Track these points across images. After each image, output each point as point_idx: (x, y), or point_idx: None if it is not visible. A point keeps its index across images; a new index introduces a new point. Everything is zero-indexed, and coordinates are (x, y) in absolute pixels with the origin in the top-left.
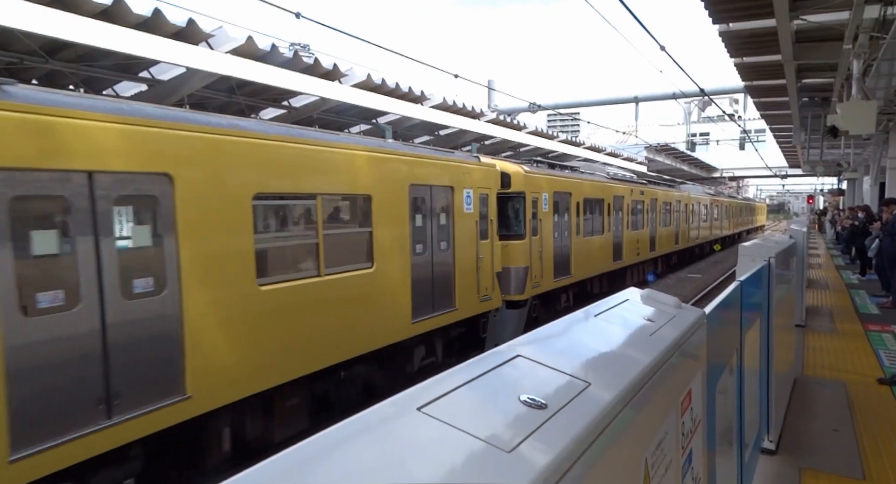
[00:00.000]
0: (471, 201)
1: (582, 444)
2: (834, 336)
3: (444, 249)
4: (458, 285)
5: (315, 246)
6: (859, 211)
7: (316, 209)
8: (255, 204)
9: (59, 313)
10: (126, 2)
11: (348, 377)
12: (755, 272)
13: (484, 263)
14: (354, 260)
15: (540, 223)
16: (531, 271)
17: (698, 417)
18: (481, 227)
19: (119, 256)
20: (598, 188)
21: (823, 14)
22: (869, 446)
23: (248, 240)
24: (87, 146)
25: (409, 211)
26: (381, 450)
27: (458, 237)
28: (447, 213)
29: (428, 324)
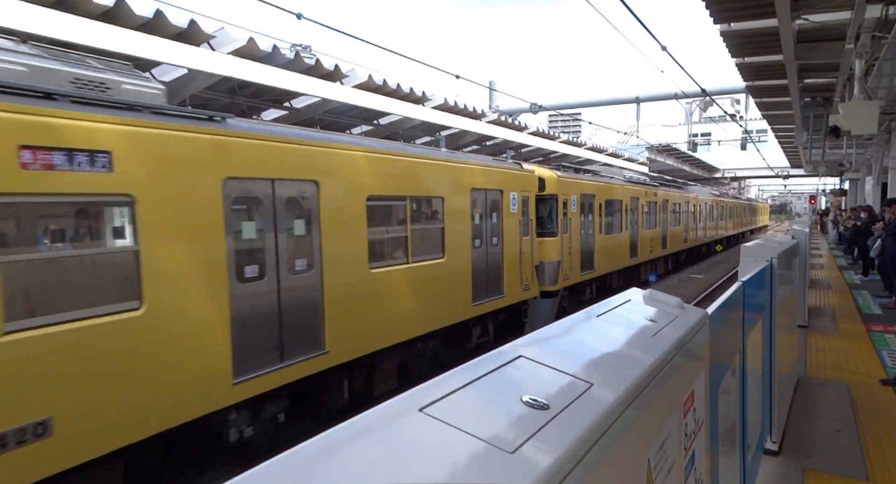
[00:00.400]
0: (515, 203)
1: (584, 445)
2: (837, 337)
3: (495, 244)
4: (505, 275)
5: (405, 239)
6: (862, 211)
7: (406, 209)
8: (367, 204)
9: (255, 282)
10: (127, 3)
11: (423, 349)
12: (757, 273)
13: (525, 256)
14: (431, 251)
15: (569, 222)
16: (562, 265)
17: (701, 417)
18: (523, 226)
19: (287, 241)
20: (617, 190)
21: (825, 14)
22: (872, 447)
23: (363, 232)
24: (273, 161)
25: (470, 211)
26: (383, 450)
27: (506, 234)
28: (497, 213)
29: (484, 307)
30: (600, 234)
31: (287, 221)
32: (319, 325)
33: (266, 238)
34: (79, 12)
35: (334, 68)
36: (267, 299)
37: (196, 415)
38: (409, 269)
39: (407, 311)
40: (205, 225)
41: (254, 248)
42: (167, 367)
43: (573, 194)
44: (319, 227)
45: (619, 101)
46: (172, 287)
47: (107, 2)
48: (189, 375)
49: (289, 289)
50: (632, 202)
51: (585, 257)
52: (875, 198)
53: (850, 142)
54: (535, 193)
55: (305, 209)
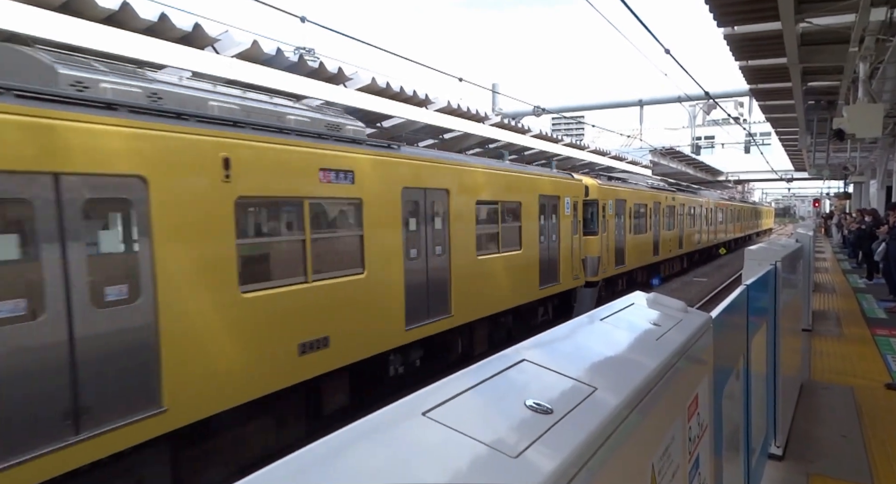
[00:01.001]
0: (568, 206)
1: (588, 449)
2: (841, 340)
3: (554, 241)
4: (561, 266)
5: (496, 234)
6: (866, 214)
7: (498, 210)
8: (476, 207)
9: (415, 260)
10: (133, 7)
11: (504, 322)
12: (761, 276)
13: (575, 251)
14: (512, 245)
15: (607, 223)
16: (601, 260)
17: (705, 422)
18: (574, 225)
19: (431, 232)
20: (643, 195)
21: (829, 17)
22: (877, 452)
23: (473, 228)
24: (425, 175)
25: (538, 213)
26: (386, 454)
27: (562, 232)
28: (556, 215)
29: (546, 291)
30: (630, 234)
31: (431, 217)
32: (448, 293)
33: (420, 229)
34: (84, 16)
35: (338, 71)
36: (421, 273)
37: (384, 349)
38: (500, 257)
39: (498, 290)
40: (394, 219)
41: (413, 236)
42: (378, 313)
43: (610, 199)
44: (448, 222)
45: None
46: (379, 260)
47: (112, 5)
48: (386, 320)
49: (433, 267)
50: (654, 206)
51: (618, 254)
52: (879, 201)
53: (855, 145)
54: (582, 199)
55: (441, 210)
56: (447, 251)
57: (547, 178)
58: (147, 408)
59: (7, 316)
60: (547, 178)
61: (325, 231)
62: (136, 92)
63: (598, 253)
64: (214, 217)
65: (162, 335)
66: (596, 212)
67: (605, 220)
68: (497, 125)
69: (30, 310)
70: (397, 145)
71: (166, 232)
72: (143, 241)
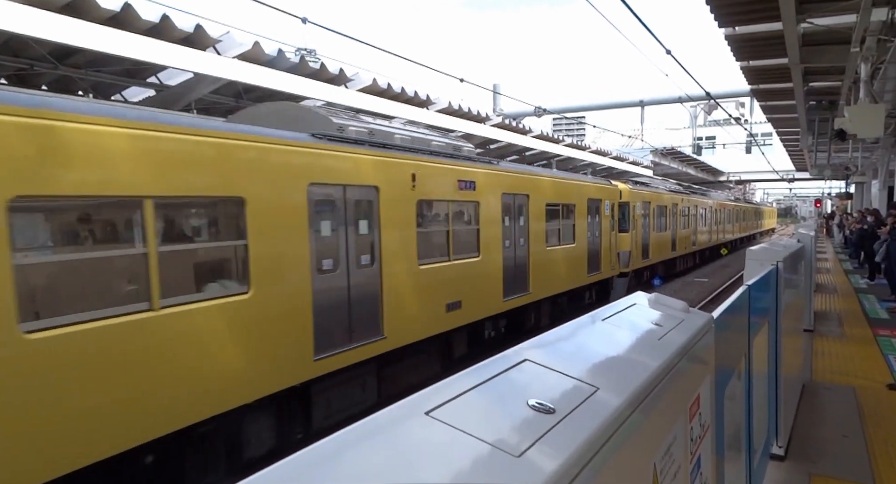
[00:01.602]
0: (608, 208)
1: (590, 449)
2: (843, 341)
3: (597, 236)
4: (602, 258)
5: (557, 230)
6: (868, 214)
7: (559, 211)
8: (547, 208)
9: (512, 248)
10: (135, 8)
11: (561, 302)
12: (763, 276)
13: (612, 246)
14: (568, 239)
15: (635, 222)
16: (631, 254)
17: (707, 422)
18: (611, 224)
19: (523, 228)
20: (663, 198)
21: (830, 17)
22: (879, 452)
23: (543, 225)
24: (528, 186)
25: (587, 213)
26: (389, 453)
27: (603, 230)
28: (598, 215)
29: (592, 278)
30: (653, 231)
31: (518, 216)
32: (528, 277)
33: (511, 225)
34: (87, 17)
35: (339, 72)
36: (511, 259)
37: (491, 313)
38: (561, 248)
39: (559, 275)
40: (497, 216)
41: (507, 231)
42: (487, 287)
43: (638, 201)
44: (528, 220)
45: (623, 104)
46: (488, 247)
47: (114, 7)
48: (492, 293)
49: (519, 255)
50: (672, 208)
51: (644, 249)
52: (881, 201)
53: (856, 145)
54: (617, 201)
55: (524, 210)
56: (527, 243)
57: (592, 185)
58: (374, 335)
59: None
60: (592, 185)
61: (461, 224)
62: (363, 130)
63: (629, 248)
64: (407, 213)
65: (384, 289)
66: (627, 213)
67: (634, 219)
68: (498, 126)
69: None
70: (497, 161)
71: (385, 222)
72: (374, 228)
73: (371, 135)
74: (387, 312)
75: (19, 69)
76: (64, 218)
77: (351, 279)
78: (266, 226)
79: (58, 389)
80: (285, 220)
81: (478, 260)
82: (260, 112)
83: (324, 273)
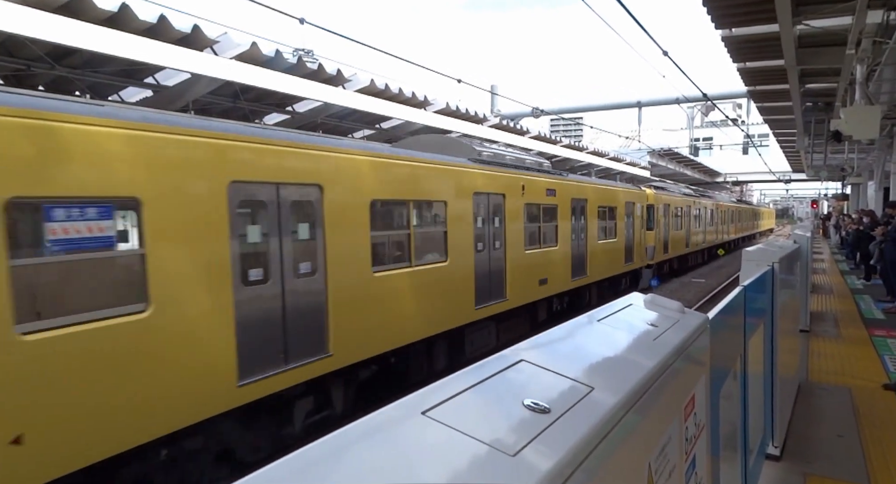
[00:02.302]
0: (639, 209)
1: (585, 448)
2: (839, 341)
3: (631, 233)
4: (635, 251)
5: (605, 228)
6: (864, 215)
7: (607, 212)
8: (598, 209)
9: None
10: (132, 8)
11: (606, 285)
12: (759, 277)
13: (641, 241)
14: (611, 235)
15: (658, 222)
16: (655, 248)
17: (702, 422)
18: (641, 223)
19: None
20: (680, 201)
21: (826, 19)
22: (874, 453)
23: (596, 223)
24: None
25: (624, 214)
26: (386, 453)
27: (636, 227)
28: (632, 215)
29: (628, 267)
30: (671, 230)
31: (580, 216)
32: (586, 263)
33: (576, 223)
34: (84, 17)
35: (336, 73)
36: (577, 249)
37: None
38: (607, 242)
39: (606, 263)
40: (568, 216)
41: (575, 227)
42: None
43: (661, 204)
44: (586, 219)
45: (620, 105)
46: (562, 239)
47: (111, 7)
48: (562, 274)
49: (577, 247)
50: (686, 209)
51: (664, 245)
52: (877, 202)
53: (852, 146)
54: (645, 204)
55: (585, 210)
56: (585, 237)
57: (629, 190)
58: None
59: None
60: (629, 190)
61: (547, 221)
62: (492, 154)
63: (654, 243)
64: (518, 214)
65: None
66: (653, 214)
67: (658, 220)
68: (496, 127)
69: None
70: (566, 172)
71: (508, 221)
72: (501, 225)
73: (496, 157)
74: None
75: (16, 70)
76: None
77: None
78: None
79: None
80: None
81: (555, 249)
82: (423, 141)
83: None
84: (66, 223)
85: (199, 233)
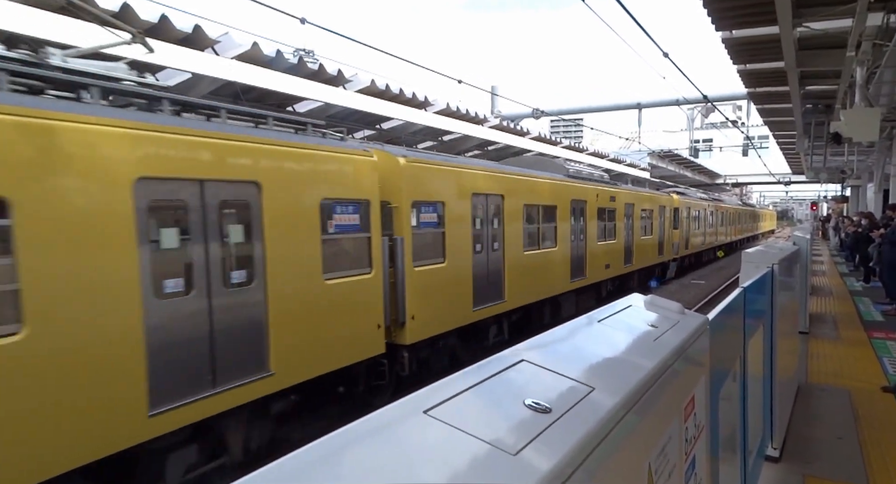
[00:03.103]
0: (669, 212)
1: (586, 448)
2: (838, 343)
3: (662, 231)
4: (665, 246)
5: (645, 226)
6: (863, 217)
7: (648, 213)
8: (641, 212)
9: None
10: (133, 8)
11: (643, 273)
12: (758, 279)
13: (669, 239)
14: (650, 232)
15: (682, 222)
16: (679, 245)
17: (701, 423)
18: (669, 223)
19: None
20: (697, 204)
21: (826, 21)
22: (873, 454)
23: (638, 223)
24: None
25: (659, 215)
26: (388, 452)
27: (666, 227)
28: (663, 216)
29: (660, 259)
30: (691, 229)
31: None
32: (632, 255)
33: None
34: (84, 17)
35: (338, 73)
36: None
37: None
38: (646, 238)
39: (644, 255)
40: (623, 216)
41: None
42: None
43: (683, 207)
44: (633, 219)
45: (620, 106)
46: (618, 237)
47: (113, 7)
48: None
49: (626, 241)
50: (702, 211)
51: (685, 242)
52: (877, 205)
53: (852, 149)
54: (673, 207)
55: (633, 213)
56: (633, 234)
57: (662, 196)
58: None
59: None
60: (662, 196)
61: (609, 221)
62: (573, 170)
63: (678, 241)
64: (594, 215)
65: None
66: (678, 215)
67: (681, 220)
68: (496, 127)
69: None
70: (617, 183)
71: (588, 220)
72: (587, 225)
73: (577, 173)
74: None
75: None
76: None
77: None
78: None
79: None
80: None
81: (614, 242)
82: (526, 161)
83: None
84: (612, 216)
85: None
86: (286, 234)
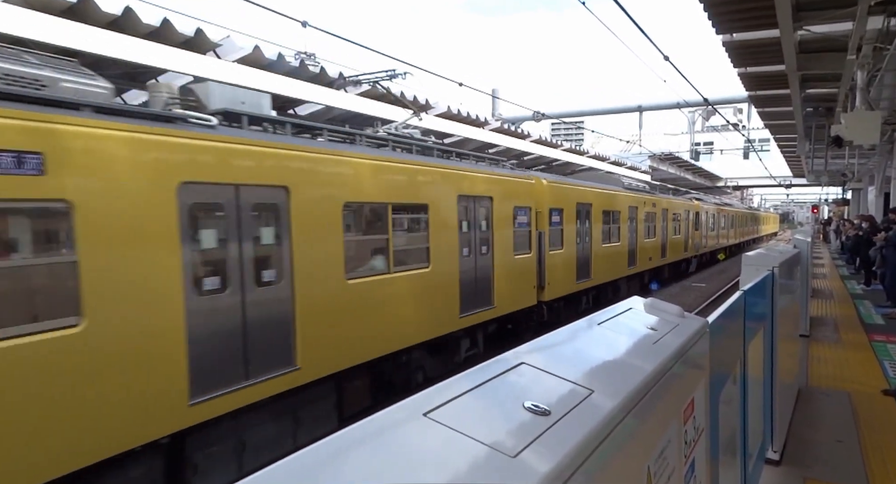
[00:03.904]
0: (691, 215)
1: (585, 450)
2: (838, 346)
3: (687, 232)
4: (688, 244)
5: (674, 228)
6: (864, 220)
7: (677, 216)
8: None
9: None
10: (135, 12)
11: (672, 267)
12: (759, 282)
13: (691, 238)
14: (679, 233)
15: (702, 224)
16: (699, 243)
17: (701, 426)
18: (692, 225)
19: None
20: (713, 209)
21: (827, 25)
22: (873, 457)
23: (670, 224)
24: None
25: (685, 218)
26: (388, 454)
27: (691, 228)
28: (688, 219)
29: (684, 255)
30: (708, 230)
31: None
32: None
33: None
34: (88, 21)
35: (338, 76)
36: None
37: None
38: (675, 237)
39: (675, 251)
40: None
41: (649, 228)
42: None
43: (702, 211)
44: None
45: (621, 109)
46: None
47: (115, 11)
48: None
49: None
50: (717, 215)
51: (705, 241)
52: (877, 208)
53: (853, 152)
54: (694, 211)
55: (655, 214)
56: (666, 234)
57: (688, 202)
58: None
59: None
60: (688, 202)
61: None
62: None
63: (698, 240)
64: (640, 218)
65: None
66: (698, 218)
67: (701, 222)
68: (497, 130)
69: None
70: (656, 191)
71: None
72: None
73: (630, 184)
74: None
75: None
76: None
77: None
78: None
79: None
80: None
81: (654, 240)
82: (590, 176)
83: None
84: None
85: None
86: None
